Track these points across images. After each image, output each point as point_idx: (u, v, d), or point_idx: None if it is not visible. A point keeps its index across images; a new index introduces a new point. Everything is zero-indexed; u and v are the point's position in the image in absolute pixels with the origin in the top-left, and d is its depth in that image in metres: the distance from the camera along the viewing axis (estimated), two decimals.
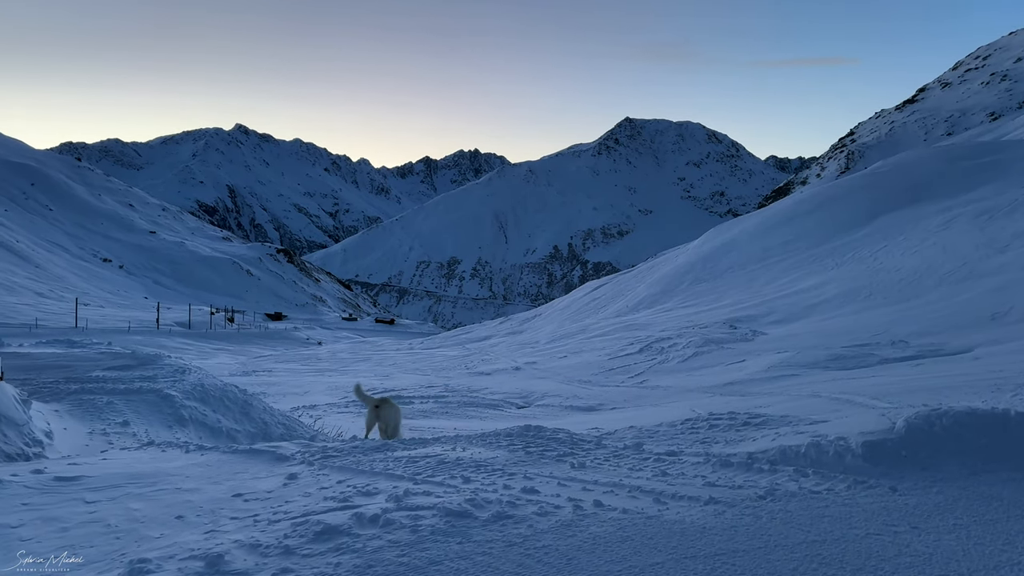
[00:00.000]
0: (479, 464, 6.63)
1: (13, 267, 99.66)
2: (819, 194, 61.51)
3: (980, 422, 6.38)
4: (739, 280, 48.43)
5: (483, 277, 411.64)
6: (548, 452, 7.15)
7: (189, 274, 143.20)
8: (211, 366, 43.65)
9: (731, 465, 6.39)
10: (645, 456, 6.88)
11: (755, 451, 6.77)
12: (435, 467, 6.53)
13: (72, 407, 9.06)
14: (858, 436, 6.51)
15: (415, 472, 6.33)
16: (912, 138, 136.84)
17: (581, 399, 23.49)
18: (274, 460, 7.04)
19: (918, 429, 6.37)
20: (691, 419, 9.32)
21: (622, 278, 69.34)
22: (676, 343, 31.93)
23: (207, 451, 7.25)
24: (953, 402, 13.30)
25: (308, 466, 6.73)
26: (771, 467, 6.26)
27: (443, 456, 6.96)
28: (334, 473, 6.44)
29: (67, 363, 12.09)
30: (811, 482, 5.93)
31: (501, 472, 6.29)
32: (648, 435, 8.44)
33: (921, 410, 6.80)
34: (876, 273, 37.96)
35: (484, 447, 7.50)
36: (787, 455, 6.47)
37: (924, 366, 20.64)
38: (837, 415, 9.59)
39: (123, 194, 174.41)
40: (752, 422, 8.92)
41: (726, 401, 19.80)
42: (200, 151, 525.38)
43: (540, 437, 7.88)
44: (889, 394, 15.22)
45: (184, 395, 10.44)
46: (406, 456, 7.02)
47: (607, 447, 7.44)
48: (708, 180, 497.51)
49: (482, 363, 37.56)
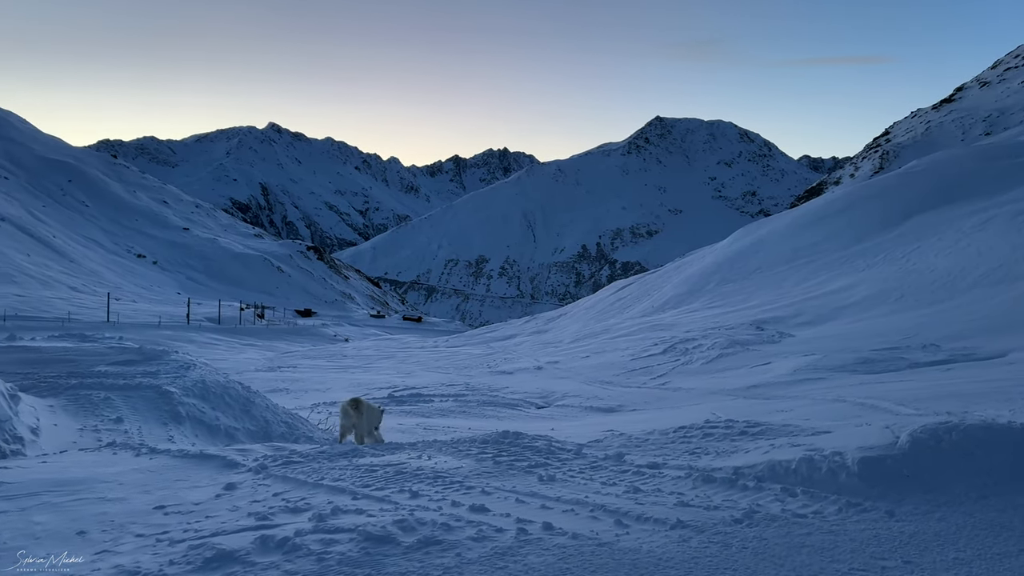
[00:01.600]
0: (438, 475, 6.35)
1: (49, 262, 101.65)
2: (851, 194, 60.33)
3: (995, 438, 5.73)
4: (767, 281, 47.63)
5: (511, 276, 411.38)
6: (519, 462, 6.84)
7: (221, 270, 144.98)
8: (239, 361, 44.13)
9: (713, 481, 5.96)
10: (624, 468, 6.52)
11: (743, 465, 6.28)
12: (389, 478, 6.25)
13: (68, 402, 9.00)
14: (856, 452, 5.94)
15: (364, 484, 6.07)
16: (949, 138, 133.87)
17: (601, 400, 23.19)
18: (222, 467, 6.81)
19: (923, 445, 5.76)
20: (685, 427, 8.80)
21: (648, 278, 68.67)
22: (701, 344, 31.42)
23: (158, 454, 7.07)
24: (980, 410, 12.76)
25: (255, 475, 6.50)
26: (757, 484, 5.80)
27: (404, 465, 6.69)
28: (277, 484, 6.19)
29: (74, 357, 12.02)
30: (798, 503, 5.42)
31: (459, 485, 6.01)
32: (636, 444, 8.05)
33: (928, 423, 6.19)
34: (908, 275, 37.04)
35: (452, 455, 7.23)
36: (776, 471, 5.96)
37: (955, 371, 20.03)
38: (844, 425, 9.00)
39: (157, 191, 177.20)
40: (750, 431, 8.43)
41: (748, 404, 19.34)
42: (234, 149, 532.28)
43: (516, 445, 7.59)
44: (916, 400, 14.70)
45: (183, 392, 10.28)
46: (366, 464, 6.75)
47: (586, 457, 7.13)
48: (739, 180, 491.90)
49: (504, 362, 37.34)
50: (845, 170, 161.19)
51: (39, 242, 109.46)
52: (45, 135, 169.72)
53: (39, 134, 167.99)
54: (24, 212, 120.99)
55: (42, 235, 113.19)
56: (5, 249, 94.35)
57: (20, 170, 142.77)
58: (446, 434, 15.43)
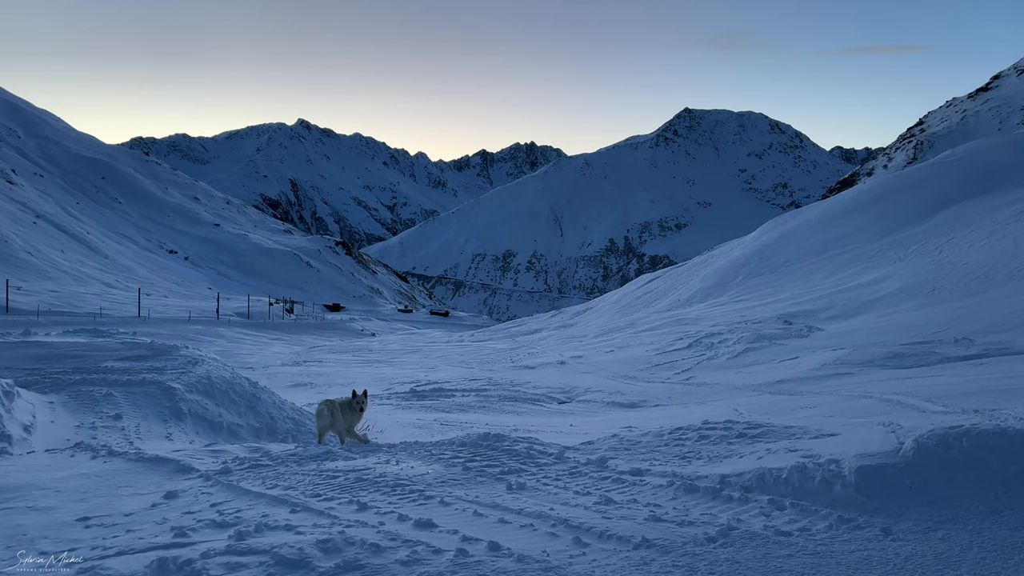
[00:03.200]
0: (399, 483, 6.07)
1: (83, 258, 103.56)
2: (883, 184, 59.13)
3: (1010, 445, 5.12)
4: (796, 274, 46.86)
5: (538, 270, 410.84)
6: (491, 468, 6.52)
7: (251, 265, 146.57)
8: (266, 356, 44.44)
9: (696, 491, 5.55)
10: (605, 475, 6.18)
11: (730, 473, 5.84)
12: (345, 486, 5.99)
13: (69, 398, 8.97)
14: (854, 459, 5.42)
15: (315, 493, 5.81)
16: (986, 127, 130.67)
17: (624, 395, 22.95)
18: (174, 472, 6.60)
19: (930, 452, 5.21)
20: (682, 428, 8.33)
21: (676, 271, 67.99)
22: (727, 339, 30.97)
23: (115, 457, 6.92)
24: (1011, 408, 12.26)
25: (204, 481, 6.29)
26: (742, 495, 5.36)
27: (368, 471, 6.40)
28: (221, 493, 5.94)
29: (84, 352, 12.01)
30: (784, 518, 4.93)
31: (418, 495, 5.71)
32: (626, 447, 7.67)
33: (937, 427, 5.65)
34: (941, 267, 36.16)
35: (423, 460, 6.97)
36: (765, 480, 5.48)
37: (988, 366, 19.48)
38: (860, 425, 8.54)
39: (189, 187, 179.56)
40: (749, 433, 7.96)
41: (772, 400, 18.97)
42: (264, 146, 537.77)
43: (494, 448, 7.28)
44: (945, 396, 14.25)
45: (187, 388, 10.18)
46: (330, 470, 6.50)
47: (567, 462, 6.82)
48: (770, 172, 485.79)
49: (528, 356, 37.17)
50: (878, 161, 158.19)
51: (73, 238, 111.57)
52: (79, 133, 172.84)
53: (73, 132, 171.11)
54: (59, 209, 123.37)
55: (76, 232, 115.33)
56: (40, 246, 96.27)
57: (55, 168, 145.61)
58: (462, 429, 15.29)
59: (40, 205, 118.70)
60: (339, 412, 9.35)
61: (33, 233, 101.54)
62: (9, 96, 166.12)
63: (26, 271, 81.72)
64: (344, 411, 9.38)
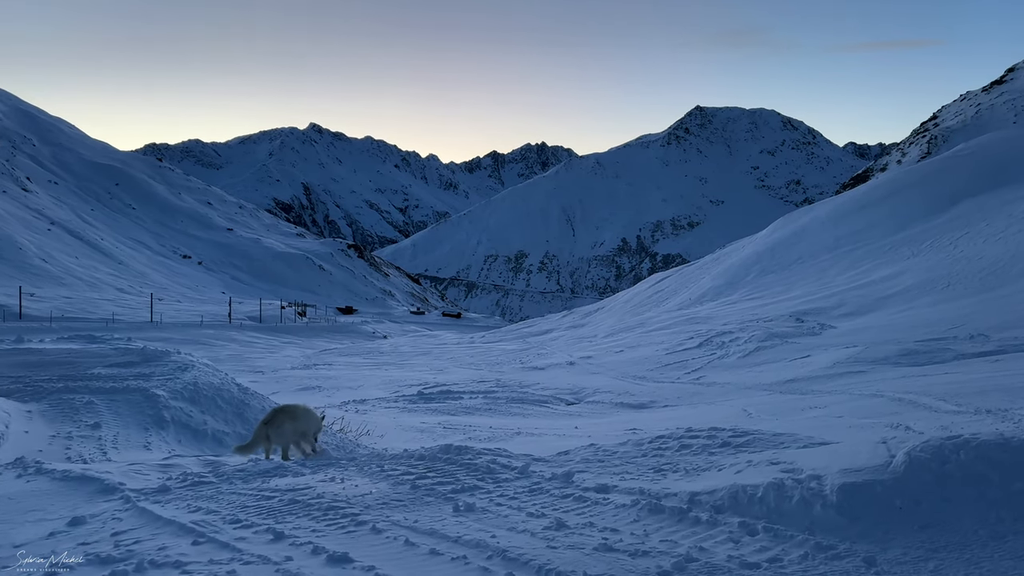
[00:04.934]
0: (333, 506, 5.64)
1: (97, 264, 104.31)
2: (896, 179, 58.57)
3: (1015, 457, 4.47)
4: (808, 271, 46.47)
5: (551, 271, 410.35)
6: (443, 486, 6.08)
7: (264, 270, 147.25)
8: (277, 359, 44.54)
9: (661, 512, 5.00)
10: (566, 493, 5.73)
11: (702, 491, 5.28)
12: (272, 509, 5.61)
13: (49, 407, 8.77)
14: (838, 475, 4.81)
15: (235, 519, 5.39)
16: (1000, 121, 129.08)
17: (632, 396, 22.75)
18: (95, 493, 6.22)
19: (923, 467, 4.57)
20: (663, 436, 7.78)
21: (687, 270, 67.63)
22: (738, 337, 30.70)
23: (41, 475, 6.57)
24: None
25: (124, 503, 5.92)
26: (712, 516, 4.80)
27: (307, 491, 6.02)
28: (132, 519, 5.52)
29: (74, 359, 11.83)
30: (754, 545, 4.34)
31: (349, 520, 5.27)
32: (599, 459, 7.13)
33: (932, 439, 4.95)
34: (956, 262, 35.71)
35: (372, 477, 6.56)
36: (738, 499, 4.91)
37: (1004, 362, 19.16)
38: (853, 433, 8.07)
39: (202, 192, 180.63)
40: (733, 442, 7.36)
41: (782, 400, 18.73)
42: (276, 150, 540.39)
43: (453, 463, 6.83)
44: (959, 395, 13.99)
45: (172, 395, 9.95)
46: (268, 489, 6.13)
47: (531, 477, 6.34)
48: (783, 168, 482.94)
49: (537, 357, 37.02)
50: (892, 156, 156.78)
51: (88, 245, 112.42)
52: (93, 140, 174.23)
53: (87, 139, 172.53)
54: (74, 216, 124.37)
55: (90, 238, 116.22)
56: (55, 252, 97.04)
57: (69, 175, 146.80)
58: (466, 433, 15.15)
59: (55, 212, 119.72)
60: (273, 430, 8.46)
61: (48, 240, 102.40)
62: (24, 104, 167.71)
63: (40, 278, 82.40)
64: (276, 429, 8.49)
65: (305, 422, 8.63)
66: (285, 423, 8.44)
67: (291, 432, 8.48)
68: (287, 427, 8.43)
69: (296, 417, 8.62)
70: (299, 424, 8.56)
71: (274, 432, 8.35)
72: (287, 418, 8.53)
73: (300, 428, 8.55)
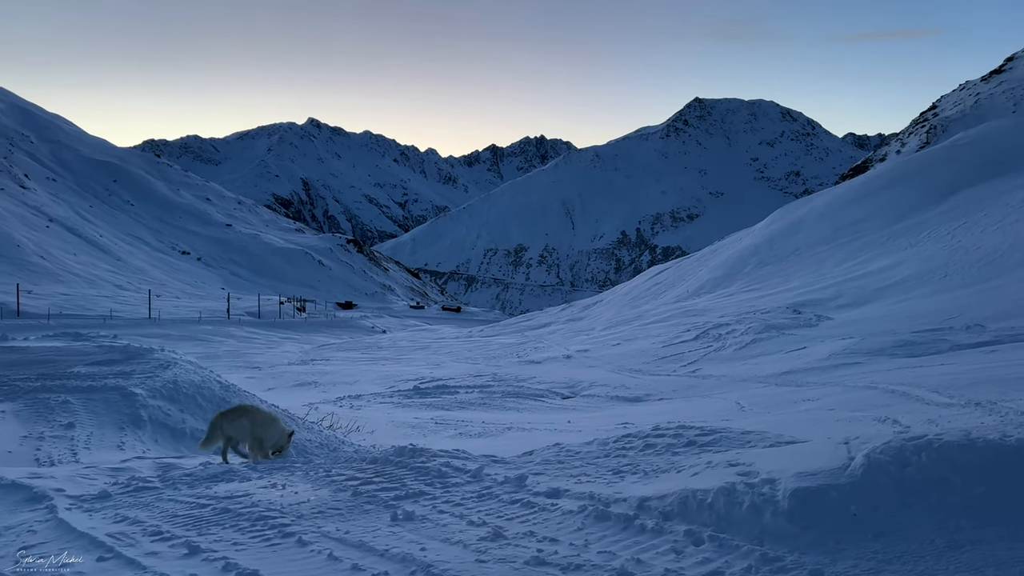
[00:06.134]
0: (264, 515, 5.40)
1: (95, 260, 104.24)
2: (894, 169, 58.45)
3: (979, 459, 4.18)
4: (806, 262, 46.40)
5: (550, 264, 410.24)
6: (386, 492, 5.86)
7: (263, 265, 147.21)
8: (275, 355, 44.48)
9: (607, 519, 4.79)
10: (516, 498, 5.51)
11: (652, 495, 5.02)
12: (200, 520, 5.38)
13: (24, 407, 8.68)
14: (792, 479, 4.52)
15: (156, 531, 5.16)
16: (1000, 110, 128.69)
17: (628, 389, 22.73)
18: (20, 502, 5.94)
19: (882, 470, 4.31)
20: (631, 434, 7.56)
21: (685, 262, 67.55)
22: (734, 330, 30.68)
23: None
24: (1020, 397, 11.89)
25: (48, 514, 5.67)
26: (658, 524, 4.56)
27: (243, 499, 5.78)
28: (46, 532, 5.26)
29: (55, 358, 11.69)
30: (697, 557, 4.10)
31: (276, 532, 5.05)
32: (559, 460, 6.92)
33: (892, 440, 4.64)
34: (953, 252, 35.65)
35: (315, 482, 6.34)
36: (688, 505, 4.67)
37: (1000, 353, 19.12)
38: (825, 431, 7.76)
39: (200, 188, 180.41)
40: (699, 441, 7.11)
41: (777, 392, 18.70)
42: (275, 145, 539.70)
43: (405, 466, 6.61)
44: (952, 386, 13.95)
45: (150, 393, 9.81)
46: (206, 497, 5.91)
47: (483, 481, 6.13)
48: (782, 160, 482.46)
49: (534, 351, 36.98)
50: (891, 147, 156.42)
51: (86, 242, 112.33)
52: (91, 137, 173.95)
53: (85, 136, 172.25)
54: (72, 213, 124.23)
55: (89, 235, 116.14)
56: (53, 250, 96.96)
57: (67, 172, 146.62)
58: (457, 428, 15.10)
59: (53, 209, 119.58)
60: (225, 431, 8.13)
61: (46, 237, 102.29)
62: (21, 101, 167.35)
63: (38, 275, 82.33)
64: (232, 428, 8.15)
65: (263, 430, 8.24)
66: (242, 419, 8.18)
67: (247, 431, 8.17)
68: (243, 423, 8.16)
69: (255, 421, 8.26)
70: (256, 429, 8.19)
71: (229, 425, 8.08)
72: (247, 418, 8.24)
73: (257, 433, 8.18)
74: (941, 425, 8.25)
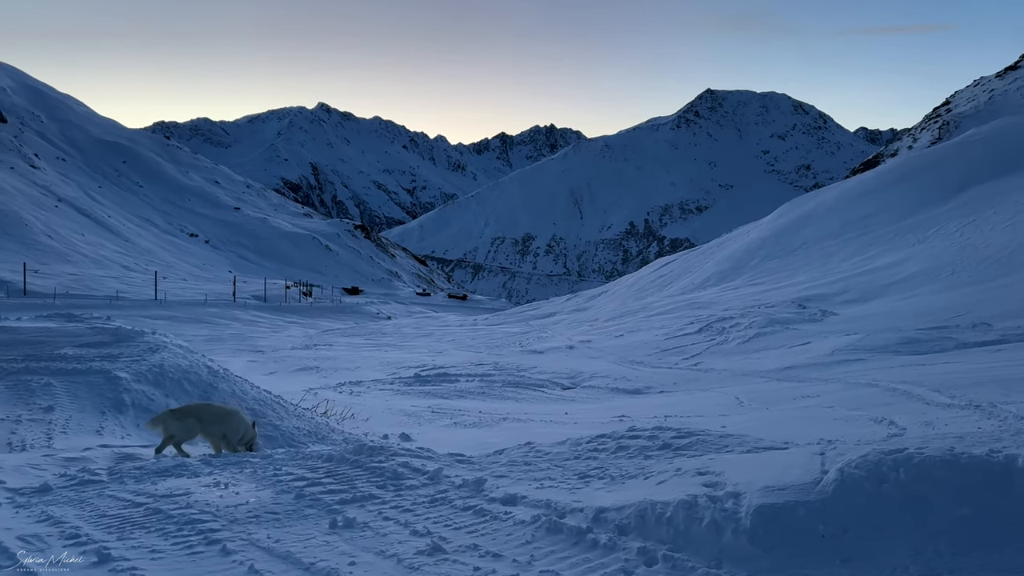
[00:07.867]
0: (194, 519, 5.12)
1: (104, 241, 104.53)
2: (904, 164, 57.95)
3: (962, 477, 3.85)
4: (813, 257, 46.14)
5: (557, 254, 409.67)
6: (332, 494, 5.59)
7: (271, 249, 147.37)
8: (279, 339, 44.52)
9: (559, 532, 4.51)
10: (470, 504, 5.25)
11: (611, 506, 4.69)
12: (126, 522, 5.12)
13: (4, 389, 8.58)
14: (758, 494, 4.16)
15: (73, 534, 4.87)
16: (1014, 107, 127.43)
17: (629, 381, 22.63)
18: None
19: (856, 487, 3.95)
20: (606, 435, 7.22)
21: (691, 254, 67.28)
22: (738, 323, 30.53)
23: None
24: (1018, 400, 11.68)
25: None
26: (611, 539, 4.27)
27: (179, 499, 5.55)
28: None
29: (44, 339, 11.52)
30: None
31: (203, 538, 4.77)
32: (527, 461, 6.61)
33: (870, 454, 4.26)
34: (962, 249, 35.35)
35: (260, 482, 6.09)
36: (646, 519, 4.35)
37: (1006, 352, 18.93)
38: (806, 435, 7.60)
39: (209, 171, 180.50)
40: (675, 444, 6.74)
41: (777, 388, 18.56)
42: (284, 130, 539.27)
43: (359, 466, 6.34)
44: (955, 386, 13.79)
45: (135, 377, 9.67)
46: (146, 494, 5.66)
47: (440, 483, 5.86)
48: (793, 153, 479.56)
49: (537, 341, 36.89)
50: (903, 142, 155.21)
51: (95, 222, 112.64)
52: (101, 117, 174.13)
53: (96, 116, 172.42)
54: (81, 193, 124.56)
55: (98, 215, 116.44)
56: (61, 230, 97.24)
57: (77, 152, 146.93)
58: (453, 418, 15.02)
59: (62, 189, 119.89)
60: (174, 424, 7.93)
61: (54, 216, 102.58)
62: (32, 81, 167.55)
63: (46, 254, 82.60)
64: (181, 424, 7.97)
65: (219, 426, 8.08)
66: (189, 419, 7.97)
67: (192, 431, 8.02)
68: (190, 423, 7.96)
69: (205, 419, 8.09)
70: (209, 427, 8.05)
71: (173, 424, 7.86)
72: (195, 418, 8.03)
73: (211, 430, 8.04)
74: (936, 428, 8.10)
